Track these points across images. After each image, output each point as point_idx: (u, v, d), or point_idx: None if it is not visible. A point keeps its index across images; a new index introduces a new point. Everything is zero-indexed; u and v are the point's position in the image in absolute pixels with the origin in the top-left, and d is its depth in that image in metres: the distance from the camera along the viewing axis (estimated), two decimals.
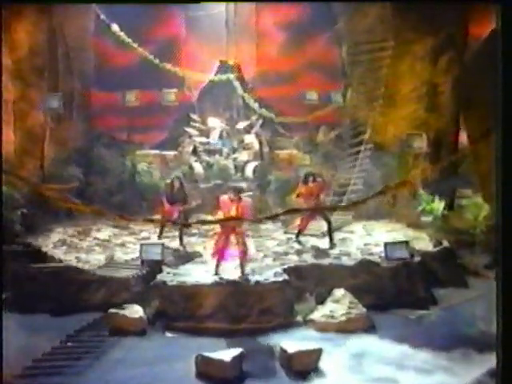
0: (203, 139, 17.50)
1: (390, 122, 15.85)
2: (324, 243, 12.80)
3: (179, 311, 10.27)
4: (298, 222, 14.21)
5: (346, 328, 9.99)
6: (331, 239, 12.63)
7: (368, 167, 15.53)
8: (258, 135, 17.58)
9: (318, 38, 17.81)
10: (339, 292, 10.62)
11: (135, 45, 16.56)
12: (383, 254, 11.55)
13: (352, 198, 14.65)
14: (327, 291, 10.78)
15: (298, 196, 12.61)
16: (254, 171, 16.79)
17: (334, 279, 11.08)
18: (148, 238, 13.34)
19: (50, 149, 15.50)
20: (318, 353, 8.74)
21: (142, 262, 11.31)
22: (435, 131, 15.35)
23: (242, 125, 17.65)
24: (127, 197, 15.99)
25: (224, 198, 10.87)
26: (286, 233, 14.11)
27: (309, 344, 8.97)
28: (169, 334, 10.02)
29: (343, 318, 10.13)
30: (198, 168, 16.90)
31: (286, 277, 10.71)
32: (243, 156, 17.29)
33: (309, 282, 11.08)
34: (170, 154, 17.36)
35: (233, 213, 10.46)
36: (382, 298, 11.01)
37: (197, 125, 17.59)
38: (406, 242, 11.61)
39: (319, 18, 17.30)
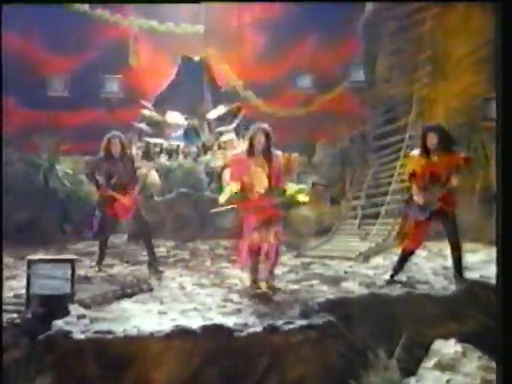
0: (160, 140, 12.04)
1: (438, 101, 10.72)
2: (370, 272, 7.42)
3: None
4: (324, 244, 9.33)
5: None
6: (460, 271, 6.56)
7: None
8: (239, 131, 12.09)
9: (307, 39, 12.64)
10: (449, 347, 4.96)
11: None
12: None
13: (393, 208, 9.52)
14: (416, 347, 5.15)
15: (411, 176, 6.50)
16: None
17: (417, 323, 5.51)
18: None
19: None
20: None
21: (29, 298, 5.58)
22: None
23: (214, 114, 12.18)
24: (39, 215, 10.27)
25: (238, 156, 6.70)
26: (297, 257, 8.59)
27: None
28: None
29: None
30: (154, 176, 11.32)
31: (328, 317, 5.08)
32: (218, 160, 11.72)
33: (368, 327, 5.47)
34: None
35: (262, 184, 6.30)
36: None
37: (151, 114, 12.07)
38: None
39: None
